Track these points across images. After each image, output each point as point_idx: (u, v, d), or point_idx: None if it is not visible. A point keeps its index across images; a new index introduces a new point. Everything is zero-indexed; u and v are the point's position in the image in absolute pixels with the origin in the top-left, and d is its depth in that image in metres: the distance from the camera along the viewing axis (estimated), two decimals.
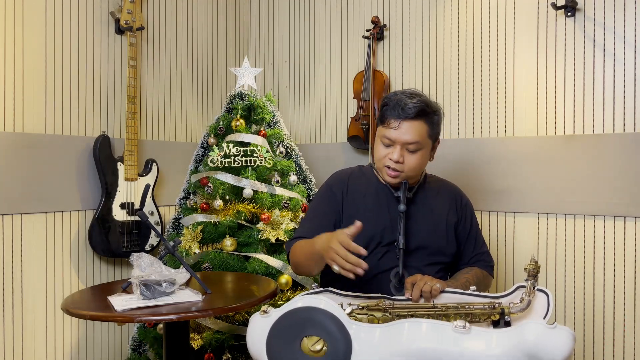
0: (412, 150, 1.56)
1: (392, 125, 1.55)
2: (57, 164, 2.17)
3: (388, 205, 1.63)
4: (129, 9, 2.33)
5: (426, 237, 1.62)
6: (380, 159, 1.60)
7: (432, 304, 1.36)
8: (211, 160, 2.33)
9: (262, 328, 1.27)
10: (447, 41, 2.40)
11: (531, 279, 1.34)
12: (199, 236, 2.26)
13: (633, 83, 1.98)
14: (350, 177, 1.72)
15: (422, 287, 1.40)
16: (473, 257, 1.70)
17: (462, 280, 1.57)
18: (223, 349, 2.14)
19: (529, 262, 1.35)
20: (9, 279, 2.06)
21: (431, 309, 1.35)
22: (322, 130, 2.84)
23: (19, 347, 2.09)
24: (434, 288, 1.39)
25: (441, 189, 1.73)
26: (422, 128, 1.56)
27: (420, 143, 1.56)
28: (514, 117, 2.23)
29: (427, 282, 1.41)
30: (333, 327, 1.23)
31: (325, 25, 2.82)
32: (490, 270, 1.71)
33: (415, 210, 1.64)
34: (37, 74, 2.12)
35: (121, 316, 1.48)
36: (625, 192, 1.98)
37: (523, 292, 1.34)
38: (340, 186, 1.69)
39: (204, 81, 2.84)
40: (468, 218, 1.71)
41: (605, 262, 2.04)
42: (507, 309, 1.33)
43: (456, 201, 1.71)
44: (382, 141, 1.59)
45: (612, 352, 2.02)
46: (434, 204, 1.67)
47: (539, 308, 1.34)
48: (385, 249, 1.59)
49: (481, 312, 1.34)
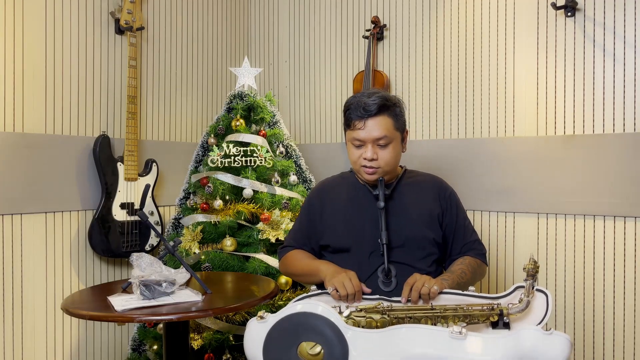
0: (383, 145, 1.61)
1: (358, 126, 1.61)
2: (57, 164, 2.17)
3: (369, 205, 1.66)
4: (129, 9, 2.33)
5: (410, 230, 1.63)
6: (355, 161, 1.65)
7: (430, 306, 1.36)
8: (211, 160, 2.33)
9: (259, 333, 1.28)
10: (447, 41, 2.40)
11: (530, 279, 1.34)
12: (199, 236, 2.26)
13: (633, 83, 1.98)
14: (328, 187, 1.79)
15: (420, 290, 1.41)
16: (464, 246, 1.70)
17: (457, 272, 1.58)
18: (223, 349, 2.14)
19: (528, 262, 1.35)
20: (9, 279, 2.06)
21: (429, 311, 1.35)
22: (322, 130, 2.84)
23: (19, 347, 2.09)
24: (432, 290, 1.40)
25: (423, 182, 1.74)
26: (386, 122, 1.61)
27: (389, 137, 1.61)
28: (514, 117, 2.23)
29: (425, 284, 1.42)
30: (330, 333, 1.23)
31: (325, 25, 2.82)
32: (483, 259, 1.71)
33: (395, 206, 1.66)
34: (37, 74, 2.12)
35: (121, 316, 1.48)
36: (625, 192, 1.98)
37: (522, 292, 1.34)
38: (318, 198, 1.78)
39: (204, 81, 2.84)
40: (453, 208, 1.71)
41: (605, 262, 2.04)
42: (505, 310, 1.33)
43: (439, 193, 1.72)
44: (353, 143, 1.64)
45: (612, 352, 2.02)
46: (416, 198, 1.69)
47: (538, 309, 1.34)
48: (371, 248, 1.61)
49: (480, 313, 1.34)
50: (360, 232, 1.64)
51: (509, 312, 1.33)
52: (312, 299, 1.40)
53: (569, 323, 2.11)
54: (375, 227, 1.62)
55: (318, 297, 1.46)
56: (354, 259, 1.61)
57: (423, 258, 1.62)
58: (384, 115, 1.60)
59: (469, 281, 1.59)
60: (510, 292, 1.39)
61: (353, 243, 1.63)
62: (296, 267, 1.72)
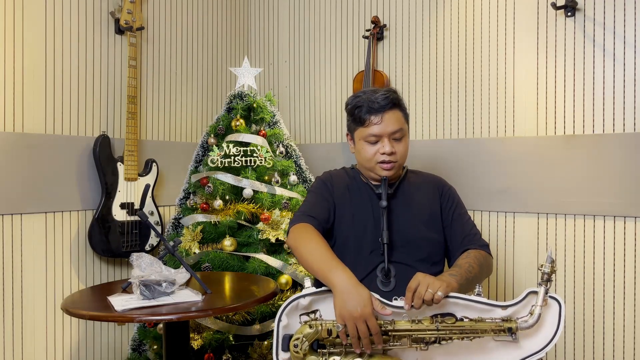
0: (398, 139, 1.63)
1: (375, 121, 1.60)
2: (57, 164, 2.17)
3: (372, 204, 1.66)
4: (129, 9, 2.33)
5: (411, 231, 1.62)
6: (371, 158, 1.63)
7: (435, 327, 1.30)
8: (211, 160, 2.33)
9: None
10: (447, 41, 2.40)
11: (545, 285, 1.26)
12: (199, 236, 2.26)
13: (633, 83, 1.97)
14: (336, 177, 1.76)
15: (423, 296, 1.33)
16: (464, 239, 1.64)
17: (465, 267, 1.50)
18: (223, 349, 2.14)
19: (545, 261, 1.26)
20: (9, 279, 2.06)
21: (434, 332, 1.29)
22: (322, 130, 2.84)
23: (19, 347, 2.09)
24: (436, 297, 1.32)
25: (423, 182, 1.74)
26: (399, 115, 1.64)
27: (403, 130, 1.64)
28: (514, 117, 2.23)
29: (429, 288, 1.33)
30: None
31: (325, 25, 2.82)
32: (487, 250, 1.64)
33: (398, 205, 1.66)
34: (37, 74, 2.12)
35: (121, 316, 1.48)
36: (625, 192, 1.98)
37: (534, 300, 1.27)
38: (330, 183, 1.73)
39: (204, 81, 2.84)
40: (451, 201, 1.70)
41: (605, 262, 2.04)
42: (515, 326, 1.26)
43: (439, 190, 1.72)
44: (368, 140, 1.63)
45: (612, 352, 2.02)
46: (417, 198, 1.68)
47: (549, 320, 1.28)
48: (372, 247, 1.60)
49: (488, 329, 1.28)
50: (362, 230, 1.63)
51: (519, 327, 1.26)
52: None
53: (569, 323, 2.11)
54: (376, 226, 1.61)
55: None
56: (354, 256, 1.60)
57: (423, 259, 1.61)
58: (396, 109, 1.63)
59: (477, 275, 1.51)
60: (522, 299, 1.31)
61: (354, 239, 1.62)
62: (307, 250, 1.51)
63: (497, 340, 1.32)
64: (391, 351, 1.35)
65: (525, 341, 1.31)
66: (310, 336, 1.33)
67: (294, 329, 1.38)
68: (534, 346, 1.29)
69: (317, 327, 1.33)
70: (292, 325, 1.39)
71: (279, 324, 1.38)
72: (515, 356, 1.31)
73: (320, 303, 1.41)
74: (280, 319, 1.38)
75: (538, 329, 1.28)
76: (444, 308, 1.36)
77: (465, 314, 1.34)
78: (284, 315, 1.38)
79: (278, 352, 1.38)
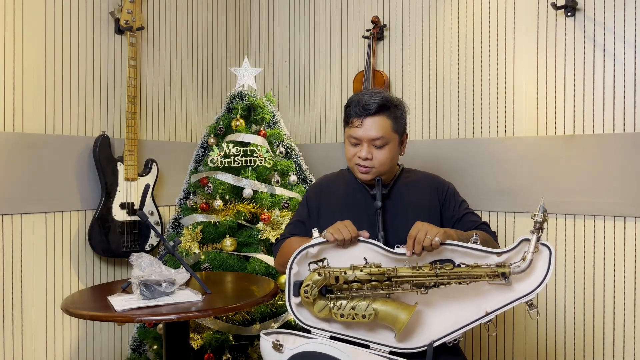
0: (379, 146, 1.61)
1: (356, 123, 1.60)
2: (57, 164, 2.17)
3: (366, 204, 1.66)
4: (128, 9, 2.33)
5: (407, 230, 1.61)
6: (350, 159, 1.65)
7: (434, 273, 1.38)
8: (211, 160, 2.33)
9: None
10: (447, 41, 2.40)
11: (537, 233, 1.33)
12: (199, 236, 2.26)
13: (633, 83, 1.98)
14: (326, 184, 1.78)
15: (422, 242, 1.40)
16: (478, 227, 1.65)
17: (467, 233, 1.54)
18: (223, 349, 2.14)
19: (537, 210, 1.32)
20: (9, 279, 2.06)
21: (434, 277, 1.39)
22: (322, 130, 2.84)
23: (19, 347, 2.09)
24: (434, 242, 1.39)
25: (420, 181, 1.73)
26: (385, 123, 1.60)
27: (385, 138, 1.60)
28: (514, 117, 2.23)
29: (427, 235, 1.40)
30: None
31: (325, 25, 2.82)
32: (494, 237, 1.66)
33: (392, 206, 1.66)
34: (37, 74, 2.12)
35: (121, 316, 1.48)
36: (625, 192, 1.98)
37: (527, 247, 1.34)
38: (314, 194, 1.77)
39: (204, 81, 2.84)
40: (452, 199, 1.70)
41: (605, 262, 2.04)
42: (508, 270, 1.35)
43: (437, 189, 1.71)
44: (350, 141, 1.64)
45: (612, 352, 2.02)
46: (413, 197, 1.68)
47: (539, 265, 1.36)
48: None
49: (483, 274, 1.37)
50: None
51: (512, 272, 1.35)
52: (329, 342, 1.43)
53: (569, 322, 2.11)
54: (372, 227, 1.61)
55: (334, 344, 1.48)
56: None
57: None
58: (382, 115, 1.60)
59: None
60: (515, 246, 1.38)
61: None
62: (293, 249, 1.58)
63: (492, 284, 1.41)
64: (393, 295, 1.46)
65: (518, 284, 1.39)
66: (319, 282, 1.43)
67: (303, 276, 1.48)
68: (525, 289, 1.38)
69: (325, 274, 1.43)
70: (302, 273, 1.49)
71: (290, 272, 1.48)
72: (508, 298, 1.39)
73: (328, 252, 1.50)
74: (292, 267, 1.48)
75: (529, 273, 1.37)
76: (443, 255, 1.45)
77: (463, 260, 1.43)
78: (294, 263, 1.48)
79: (290, 297, 1.48)
